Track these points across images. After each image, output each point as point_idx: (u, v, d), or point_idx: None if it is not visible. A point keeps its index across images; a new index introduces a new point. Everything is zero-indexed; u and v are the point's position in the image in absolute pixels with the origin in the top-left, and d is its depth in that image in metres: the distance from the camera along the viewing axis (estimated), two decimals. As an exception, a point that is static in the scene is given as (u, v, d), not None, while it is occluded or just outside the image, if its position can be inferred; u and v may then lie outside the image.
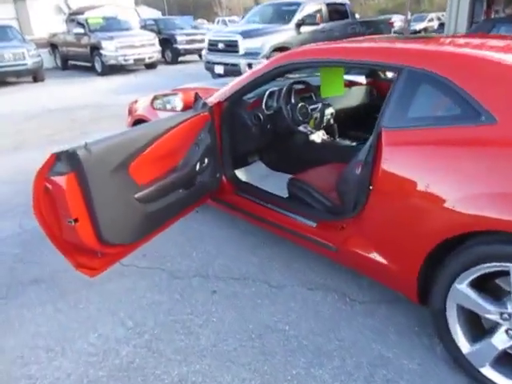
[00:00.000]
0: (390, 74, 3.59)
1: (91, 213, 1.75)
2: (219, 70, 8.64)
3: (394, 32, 13.62)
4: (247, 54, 8.14)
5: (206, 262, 2.64)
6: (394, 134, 1.81)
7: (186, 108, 2.47)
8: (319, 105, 2.88)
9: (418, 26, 21.03)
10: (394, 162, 1.78)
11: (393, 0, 37.40)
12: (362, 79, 3.44)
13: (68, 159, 1.65)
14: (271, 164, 3.26)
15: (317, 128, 2.89)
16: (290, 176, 3.10)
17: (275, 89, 2.77)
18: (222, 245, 2.82)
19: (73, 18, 13.35)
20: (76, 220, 1.71)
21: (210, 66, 8.97)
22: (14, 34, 11.47)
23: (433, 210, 1.64)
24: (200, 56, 12.84)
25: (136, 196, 1.99)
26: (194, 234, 2.98)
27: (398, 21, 19.42)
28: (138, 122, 3.26)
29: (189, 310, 2.21)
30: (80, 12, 14.06)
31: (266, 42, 8.11)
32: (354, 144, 2.95)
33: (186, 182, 2.34)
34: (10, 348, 2.01)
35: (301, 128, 2.76)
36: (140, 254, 2.67)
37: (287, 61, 2.30)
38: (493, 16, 11.04)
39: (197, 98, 2.43)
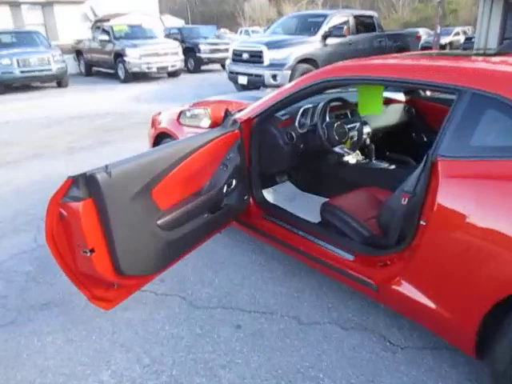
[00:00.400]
0: (428, 92, 3.36)
1: (109, 243, 1.57)
2: (243, 80, 8.51)
3: (422, 46, 13.35)
4: (272, 65, 7.99)
5: (229, 290, 2.43)
6: (454, 165, 1.58)
7: (214, 125, 2.29)
8: (357, 124, 2.68)
9: (444, 40, 20.64)
10: (455, 196, 1.56)
11: (416, 13, 37.09)
12: (400, 96, 3.22)
13: (86, 183, 1.48)
14: (300, 184, 3.06)
15: (353, 149, 2.69)
16: (320, 198, 2.90)
17: (309, 106, 2.58)
18: (246, 272, 2.62)
19: (98, 25, 13.49)
20: (92, 250, 1.54)
21: (233, 77, 8.86)
22: (41, 39, 11.60)
23: (504, 254, 1.41)
24: (223, 66, 12.80)
25: (159, 222, 1.81)
26: (215, 258, 2.78)
27: (423, 34, 19.12)
28: (162, 135, 3.10)
29: (211, 347, 2.01)
30: (106, 19, 14.20)
31: (291, 54, 7.95)
32: (393, 167, 2.73)
33: (212, 206, 2.15)
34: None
35: (337, 149, 2.55)
36: (158, 279, 2.48)
37: (328, 77, 2.10)
38: (525, 31, 10.71)
39: (227, 114, 2.26)
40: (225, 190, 2.20)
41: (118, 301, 1.84)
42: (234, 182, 2.27)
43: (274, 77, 7.94)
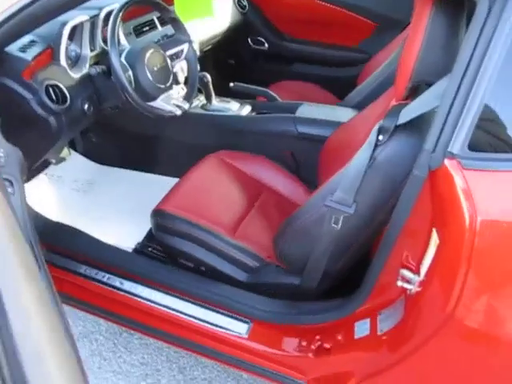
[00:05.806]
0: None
1: None
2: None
3: None
4: None
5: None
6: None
7: None
8: (184, 46, 1.42)
9: None
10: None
11: None
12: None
13: None
14: (97, 154, 1.79)
15: (189, 97, 1.46)
16: (141, 175, 1.76)
17: (84, 19, 1.21)
18: None
19: None
20: None
21: None
22: None
23: None
24: None
25: None
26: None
27: None
28: None
29: None
30: None
31: None
32: (248, 108, 1.64)
33: None
34: None
35: (159, 104, 1.31)
36: None
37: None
38: None
39: None
40: None
41: None
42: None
43: None
